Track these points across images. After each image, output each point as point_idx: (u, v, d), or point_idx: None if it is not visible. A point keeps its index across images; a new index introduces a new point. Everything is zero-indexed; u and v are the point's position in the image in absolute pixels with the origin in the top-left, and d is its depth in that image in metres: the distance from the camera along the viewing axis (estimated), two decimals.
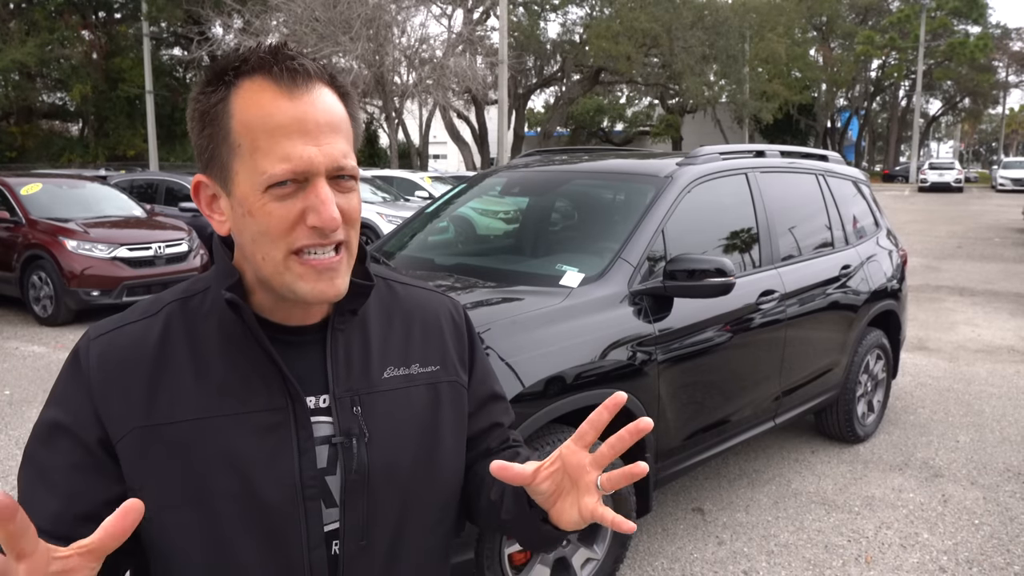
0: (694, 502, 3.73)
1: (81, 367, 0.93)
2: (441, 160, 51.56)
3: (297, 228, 0.86)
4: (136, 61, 27.98)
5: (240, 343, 0.94)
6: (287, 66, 0.86)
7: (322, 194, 0.85)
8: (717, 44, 31.48)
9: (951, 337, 7.22)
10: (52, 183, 8.97)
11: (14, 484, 3.85)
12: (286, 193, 0.85)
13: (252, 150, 0.85)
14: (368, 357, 1.00)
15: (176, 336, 0.95)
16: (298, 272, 0.87)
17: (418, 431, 1.02)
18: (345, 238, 0.89)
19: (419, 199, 13.95)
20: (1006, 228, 17.84)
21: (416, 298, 1.10)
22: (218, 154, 0.88)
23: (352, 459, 0.95)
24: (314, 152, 0.85)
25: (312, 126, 0.85)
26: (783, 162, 4.18)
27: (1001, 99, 59.17)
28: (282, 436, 0.93)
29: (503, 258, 3.60)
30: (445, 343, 1.09)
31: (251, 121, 0.85)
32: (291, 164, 0.84)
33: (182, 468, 0.90)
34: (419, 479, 1.01)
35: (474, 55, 24.97)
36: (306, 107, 0.86)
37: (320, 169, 0.85)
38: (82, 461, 0.91)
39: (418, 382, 1.03)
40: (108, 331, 0.96)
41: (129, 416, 0.90)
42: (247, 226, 0.88)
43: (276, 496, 0.92)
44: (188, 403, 0.91)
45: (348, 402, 0.96)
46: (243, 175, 0.86)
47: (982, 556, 3.23)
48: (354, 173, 0.90)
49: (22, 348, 6.79)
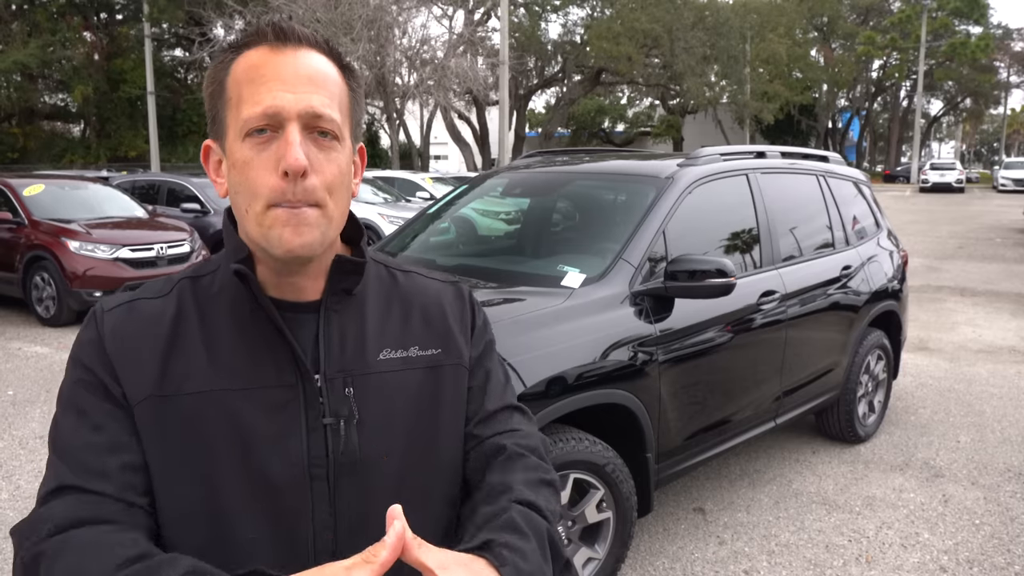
0: (695, 502, 3.74)
1: (97, 332, 0.94)
2: (442, 161, 51.57)
3: (271, 177, 0.87)
4: (138, 62, 28.03)
5: (249, 320, 0.94)
6: (280, 28, 0.91)
7: (289, 136, 0.86)
8: (718, 45, 31.50)
9: (952, 337, 7.23)
10: (54, 184, 8.99)
11: (18, 484, 3.87)
12: (262, 141, 0.87)
13: (237, 101, 0.89)
14: (363, 338, 0.99)
15: (188, 312, 0.96)
16: (270, 222, 0.88)
17: (414, 415, 1.00)
18: (321, 201, 0.89)
19: (420, 200, 13.96)
20: (1007, 228, 17.84)
21: (417, 284, 1.09)
22: (217, 113, 0.93)
23: (340, 442, 0.94)
24: (288, 97, 0.87)
25: (290, 74, 0.88)
26: (784, 163, 4.19)
27: (1002, 99, 59.13)
28: (291, 414, 0.93)
29: (505, 259, 3.61)
30: (448, 326, 1.06)
31: (239, 75, 0.90)
32: (262, 107, 0.86)
33: (191, 440, 0.90)
34: (415, 465, 0.99)
35: (475, 56, 25.01)
36: (288, 59, 0.89)
37: (291, 113, 0.87)
38: (117, 411, 0.91)
39: (416, 365, 1.01)
40: (121, 304, 0.97)
41: (142, 386, 0.91)
42: (233, 180, 0.90)
43: (284, 474, 0.92)
44: (198, 377, 0.92)
45: (340, 383, 0.95)
46: (231, 128, 0.90)
47: (982, 556, 3.24)
48: (335, 129, 0.90)
49: (25, 348, 6.80)
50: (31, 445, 4.41)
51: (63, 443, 0.91)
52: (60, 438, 0.91)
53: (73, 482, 0.87)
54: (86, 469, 0.88)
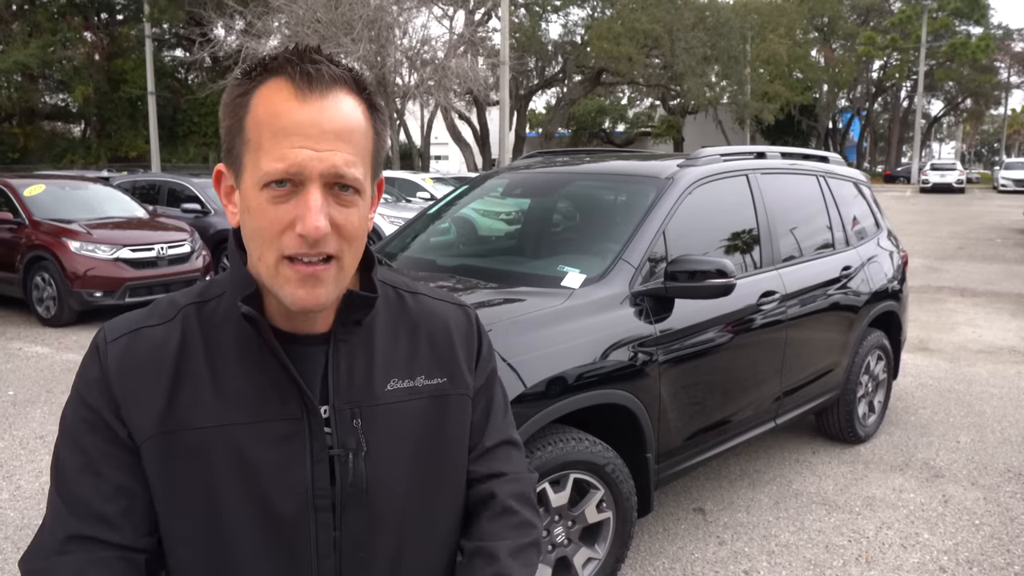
0: (695, 502, 3.74)
1: (100, 366, 0.93)
2: (443, 161, 51.59)
3: (286, 234, 0.85)
4: (138, 62, 28.05)
5: (256, 353, 0.94)
6: (307, 69, 0.86)
7: (310, 201, 0.84)
8: (718, 45, 31.48)
9: (952, 338, 7.23)
10: (55, 184, 9.00)
11: (18, 484, 3.88)
12: (281, 195, 0.85)
13: (257, 147, 0.86)
14: (371, 369, 0.98)
15: (193, 343, 0.94)
16: (285, 276, 0.87)
17: (420, 446, 1.00)
18: (336, 252, 0.87)
19: (421, 200, 13.96)
20: (1008, 229, 17.83)
21: (426, 308, 1.07)
22: (234, 146, 0.89)
23: (348, 472, 0.94)
24: (310, 155, 0.84)
25: (315, 131, 0.84)
26: (784, 163, 4.19)
27: (1003, 100, 59.16)
28: (295, 446, 0.93)
29: (505, 259, 3.62)
30: (455, 354, 1.06)
31: (261, 118, 0.86)
32: (284, 164, 0.84)
33: (198, 475, 0.91)
34: (419, 494, 1.00)
35: (475, 56, 24.99)
36: (314, 112, 0.85)
37: (313, 174, 0.84)
38: (118, 453, 0.91)
39: (422, 395, 1.01)
40: (126, 333, 0.95)
41: (148, 423, 0.91)
42: (247, 222, 0.89)
43: (288, 505, 0.92)
44: (205, 411, 0.92)
45: (348, 414, 0.95)
46: (248, 170, 0.87)
47: (982, 556, 3.24)
48: (356, 185, 0.88)
49: (25, 349, 6.81)
50: (31, 445, 4.41)
51: (66, 485, 0.91)
52: (63, 479, 0.92)
53: (78, 532, 0.89)
54: (89, 514, 0.89)
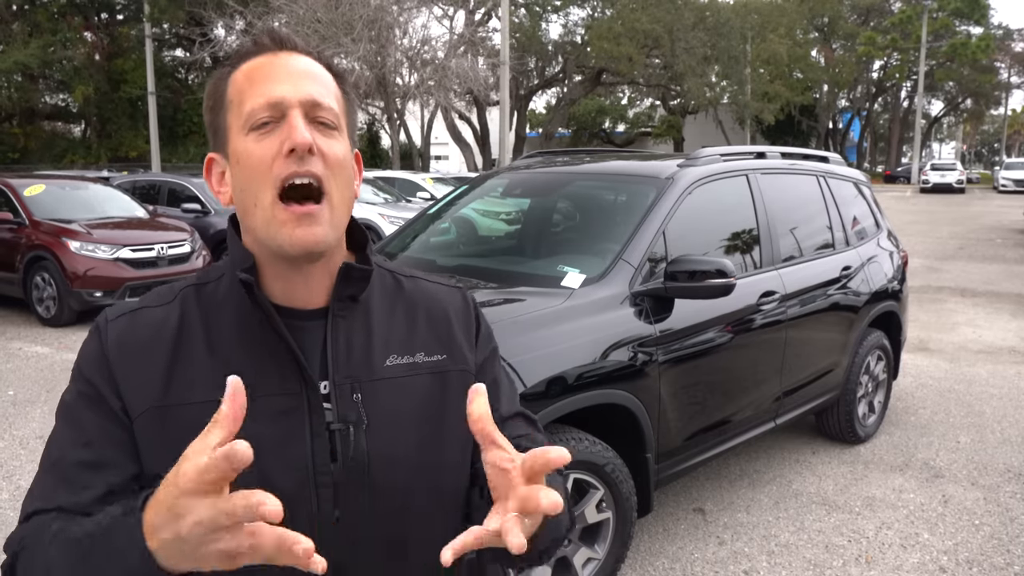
0: (695, 502, 3.74)
1: (100, 344, 0.95)
2: (443, 161, 51.60)
3: (276, 161, 0.89)
4: (138, 62, 28.06)
5: (254, 328, 0.95)
6: (277, 34, 0.96)
7: (293, 120, 0.89)
8: (719, 45, 31.49)
9: (952, 338, 7.23)
10: (55, 184, 9.00)
11: (18, 484, 3.88)
12: (266, 131, 0.90)
13: (239, 102, 0.92)
14: (370, 345, 1.00)
15: (192, 321, 0.96)
16: (281, 219, 0.89)
17: (421, 420, 1.01)
18: (323, 175, 0.90)
19: (421, 200, 13.97)
20: (1008, 229, 17.83)
21: (423, 290, 1.10)
22: (219, 123, 0.95)
23: (349, 447, 0.95)
24: (288, 88, 0.91)
25: (287, 72, 0.93)
26: (784, 163, 4.19)
27: (1003, 100, 59.18)
28: (294, 421, 0.94)
29: (505, 259, 3.62)
30: (452, 333, 1.07)
31: (240, 80, 0.94)
32: (265, 98, 0.90)
33: None
34: (421, 469, 1.00)
35: (476, 56, 25.01)
36: (285, 60, 0.94)
37: (293, 102, 0.90)
38: (112, 428, 0.92)
39: (422, 370, 1.02)
40: (126, 312, 0.98)
41: (145, 396, 0.92)
42: (239, 177, 0.92)
43: (288, 481, 0.92)
44: (203, 385, 0.92)
45: (348, 389, 0.96)
46: (234, 127, 0.93)
47: (982, 556, 3.24)
48: (334, 118, 0.93)
49: (25, 349, 6.81)
50: (31, 445, 4.42)
51: (53, 455, 0.92)
52: (51, 449, 0.93)
53: (53, 504, 0.88)
54: (68, 485, 0.89)
